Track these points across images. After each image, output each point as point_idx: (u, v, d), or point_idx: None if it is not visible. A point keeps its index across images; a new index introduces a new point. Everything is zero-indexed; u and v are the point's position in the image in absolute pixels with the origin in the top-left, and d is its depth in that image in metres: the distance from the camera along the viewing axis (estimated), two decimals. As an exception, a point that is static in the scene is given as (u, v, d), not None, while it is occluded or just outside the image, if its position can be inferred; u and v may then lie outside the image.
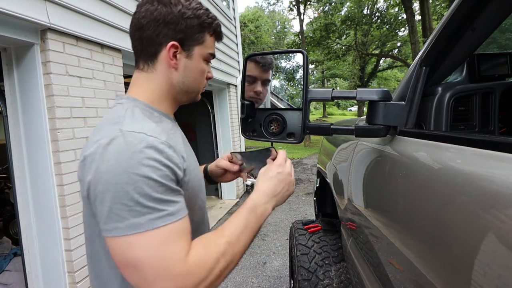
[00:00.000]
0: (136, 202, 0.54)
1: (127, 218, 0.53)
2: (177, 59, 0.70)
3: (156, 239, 0.54)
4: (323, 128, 0.86)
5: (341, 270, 1.44)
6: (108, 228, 0.55)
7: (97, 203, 0.56)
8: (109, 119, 0.64)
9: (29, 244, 2.03)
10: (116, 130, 0.59)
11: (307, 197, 5.69)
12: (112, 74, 2.43)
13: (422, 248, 0.60)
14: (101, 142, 0.58)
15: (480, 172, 0.48)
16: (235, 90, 5.76)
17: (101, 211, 0.55)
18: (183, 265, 0.55)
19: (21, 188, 2.01)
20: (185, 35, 0.70)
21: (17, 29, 1.79)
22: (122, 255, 0.55)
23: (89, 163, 0.58)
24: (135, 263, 0.54)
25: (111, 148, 0.56)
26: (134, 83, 0.73)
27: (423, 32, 12.01)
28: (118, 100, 0.71)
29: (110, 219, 0.54)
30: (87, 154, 0.59)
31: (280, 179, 0.75)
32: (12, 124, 1.98)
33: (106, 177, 0.55)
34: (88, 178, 0.57)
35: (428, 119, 0.91)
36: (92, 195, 0.57)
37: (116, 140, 0.57)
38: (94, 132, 0.64)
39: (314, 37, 19.26)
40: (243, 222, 0.65)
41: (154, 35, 0.68)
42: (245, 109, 0.92)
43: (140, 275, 0.54)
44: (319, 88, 0.92)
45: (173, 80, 0.72)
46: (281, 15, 35.90)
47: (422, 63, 0.84)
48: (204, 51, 0.74)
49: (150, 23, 0.68)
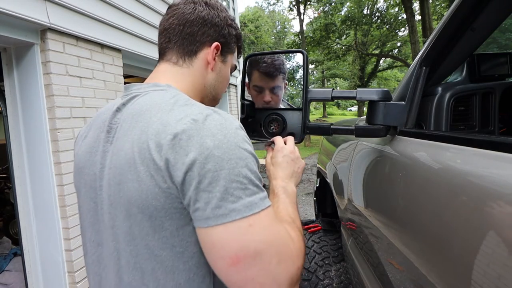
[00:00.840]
0: (249, 179, 0.49)
1: (242, 198, 0.48)
2: (215, 61, 0.70)
3: (268, 219, 0.49)
4: (323, 128, 0.86)
5: (341, 270, 1.44)
6: (223, 212, 0.46)
7: (204, 185, 0.47)
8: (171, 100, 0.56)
9: (29, 244, 2.03)
10: (203, 107, 0.54)
11: (307, 197, 5.69)
12: (112, 74, 2.43)
13: (422, 248, 0.60)
14: (194, 118, 0.51)
15: (480, 172, 0.48)
16: (235, 90, 5.76)
17: (209, 193, 0.47)
18: (294, 244, 0.52)
19: (21, 188, 2.01)
20: (226, 40, 0.71)
21: (17, 29, 1.79)
22: (240, 242, 0.46)
23: (190, 139, 0.48)
24: (256, 249, 0.47)
25: (211, 124, 0.50)
26: (165, 74, 0.67)
27: (423, 32, 12.01)
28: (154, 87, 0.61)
29: (225, 200, 0.47)
30: (178, 131, 0.49)
31: (287, 161, 0.76)
32: (12, 124, 1.98)
33: (218, 153, 0.48)
34: (191, 156, 0.47)
35: (428, 119, 0.91)
36: (195, 175, 0.47)
37: (212, 116, 0.52)
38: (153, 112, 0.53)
39: (314, 37, 19.27)
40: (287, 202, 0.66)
41: (200, 33, 0.67)
42: (245, 109, 0.92)
43: (262, 262, 0.47)
44: (319, 88, 0.92)
45: (207, 81, 0.70)
46: (281, 15, 35.92)
47: (422, 63, 0.84)
48: (233, 61, 0.76)
49: (197, 20, 0.67)
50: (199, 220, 0.48)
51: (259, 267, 0.47)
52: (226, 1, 5.76)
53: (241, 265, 0.47)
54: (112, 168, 0.55)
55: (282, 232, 0.51)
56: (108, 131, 0.59)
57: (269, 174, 0.76)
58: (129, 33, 2.63)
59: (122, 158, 0.53)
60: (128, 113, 0.58)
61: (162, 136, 0.49)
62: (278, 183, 0.71)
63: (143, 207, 0.51)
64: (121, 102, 0.61)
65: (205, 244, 0.49)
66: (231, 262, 0.47)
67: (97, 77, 2.27)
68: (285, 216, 0.60)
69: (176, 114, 0.52)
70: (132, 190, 0.51)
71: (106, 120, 0.61)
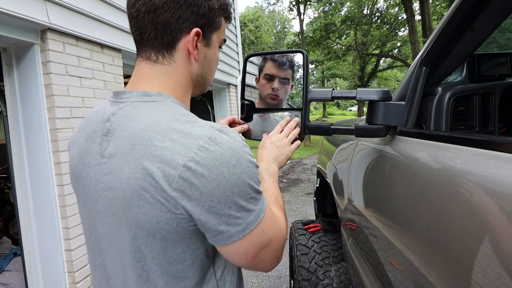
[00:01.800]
0: (256, 190, 0.54)
1: (254, 210, 0.53)
2: (198, 48, 0.61)
3: (270, 216, 0.57)
4: (323, 128, 0.86)
5: (341, 270, 1.44)
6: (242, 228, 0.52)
7: (224, 211, 0.50)
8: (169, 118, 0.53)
9: (29, 244, 2.03)
10: (208, 128, 0.52)
11: (307, 197, 5.69)
12: (112, 74, 2.43)
13: (422, 248, 0.60)
14: (202, 144, 0.49)
15: (480, 172, 0.48)
16: (235, 90, 5.76)
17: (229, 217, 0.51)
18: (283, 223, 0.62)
19: (21, 188, 2.01)
20: (207, 20, 0.60)
21: (17, 29, 1.79)
22: (257, 243, 0.55)
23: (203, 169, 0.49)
24: (268, 242, 0.56)
25: (223, 148, 0.50)
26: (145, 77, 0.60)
27: (423, 32, 12.01)
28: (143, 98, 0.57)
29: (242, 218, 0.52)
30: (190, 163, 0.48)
31: (272, 148, 0.82)
32: (12, 124, 1.98)
33: (234, 180, 0.50)
34: (209, 187, 0.49)
35: (428, 119, 0.91)
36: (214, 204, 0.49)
37: (220, 138, 0.51)
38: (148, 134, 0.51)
39: (314, 37, 19.26)
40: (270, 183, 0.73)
41: (174, 20, 0.57)
42: (245, 109, 0.93)
43: (272, 249, 0.58)
44: (319, 88, 0.92)
45: (192, 72, 0.63)
46: (281, 15, 35.92)
47: (422, 63, 0.84)
48: (220, 37, 0.66)
49: (168, 3, 0.56)
50: (222, 239, 0.52)
51: (269, 252, 0.57)
52: (226, 1, 5.76)
53: (257, 258, 0.56)
54: (111, 188, 0.53)
55: (278, 221, 0.60)
56: (100, 143, 0.57)
57: (257, 155, 0.82)
58: (129, 33, 2.62)
59: (124, 182, 0.51)
60: (122, 128, 0.55)
61: (172, 166, 0.48)
62: (263, 165, 0.77)
63: (153, 231, 0.51)
64: (110, 112, 0.58)
65: (229, 255, 0.56)
66: (251, 259, 0.56)
67: (97, 77, 2.27)
68: (270, 197, 0.68)
69: (180, 139, 0.50)
70: (140, 216, 0.51)
71: (97, 130, 0.58)
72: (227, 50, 5.38)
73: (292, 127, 0.86)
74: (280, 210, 0.66)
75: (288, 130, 0.85)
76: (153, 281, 0.55)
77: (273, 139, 0.83)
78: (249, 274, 3.08)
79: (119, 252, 0.57)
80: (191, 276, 0.56)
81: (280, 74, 1.13)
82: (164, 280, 0.55)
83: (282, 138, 0.84)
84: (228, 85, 5.53)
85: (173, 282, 0.55)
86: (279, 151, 0.82)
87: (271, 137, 0.84)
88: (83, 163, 0.60)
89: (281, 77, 1.13)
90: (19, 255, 3.08)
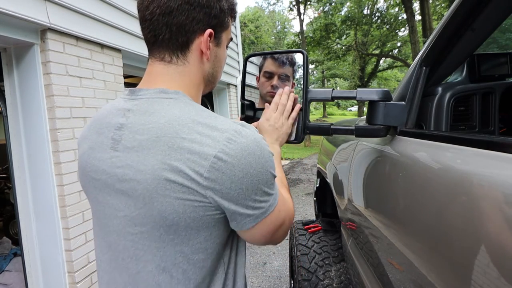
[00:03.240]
0: (274, 177, 0.59)
1: (272, 193, 0.58)
2: (210, 48, 0.63)
3: (281, 197, 0.63)
4: (323, 128, 0.86)
5: (341, 270, 1.44)
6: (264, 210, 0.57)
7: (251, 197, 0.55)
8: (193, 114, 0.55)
9: (29, 244, 2.03)
10: (230, 122, 0.56)
11: (307, 197, 5.69)
12: (112, 74, 2.43)
13: (422, 248, 0.60)
14: (229, 137, 0.53)
15: (480, 172, 0.48)
16: (235, 90, 5.76)
17: (254, 201, 0.55)
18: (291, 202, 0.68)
19: (21, 188, 2.01)
20: (218, 20, 0.62)
21: (17, 29, 1.79)
22: (275, 223, 0.60)
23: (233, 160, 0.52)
24: (282, 221, 0.62)
25: (248, 140, 0.54)
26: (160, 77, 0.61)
27: (423, 32, 12.01)
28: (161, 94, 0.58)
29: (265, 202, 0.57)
30: (220, 154, 0.51)
31: (272, 129, 0.85)
32: (12, 124, 1.98)
33: (259, 168, 0.54)
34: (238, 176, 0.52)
35: (428, 119, 0.91)
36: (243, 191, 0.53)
37: (244, 131, 0.55)
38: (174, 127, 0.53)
39: (314, 37, 19.26)
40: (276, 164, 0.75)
41: (188, 21, 0.58)
42: (245, 109, 0.93)
43: (286, 228, 0.64)
44: (319, 88, 0.92)
45: (204, 72, 0.65)
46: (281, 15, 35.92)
47: (422, 63, 0.84)
48: (228, 36, 0.68)
49: (183, 6, 0.57)
50: (248, 223, 0.57)
51: (283, 229, 0.64)
52: (226, 1, 5.76)
53: (274, 235, 0.62)
54: (128, 181, 0.55)
55: (283, 198, 0.64)
56: (113, 138, 0.58)
57: None
58: (129, 33, 2.63)
59: (147, 173, 0.53)
60: (140, 123, 0.56)
61: (203, 157, 0.51)
62: None
63: (179, 219, 0.53)
64: (125, 107, 0.59)
65: (253, 236, 0.60)
66: (270, 237, 0.61)
67: (97, 77, 2.27)
68: None
69: (208, 132, 0.53)
70: (165, 205, 0.53)
71: (110, 125, 0.59)
72: (227, 50, 5.38)
73: (284, 103, 0.86)
74: (286, 190, 0.71)
75: (282, 107, 0.86)
76: (170, 271, 0.56)
77: (271, 121, 0.85)
78: (249, 275, 3.08)
79: (131, 244, 0.57)
80: (209, 265, 0.59)
81: (279, 71, 1.13)
82: (183, 268, 0.57)
83: (279, 117, 0.85)
84: (228, 85, 5.53)
85: (192, 270, 0.57)
86: (279, 131, 0.85)
87: (269, 119, 0.86)
88: (94, 158, 0.61)
89: (280, 74, 1.14)
90: (19, 255, 3.08)
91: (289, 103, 0.86)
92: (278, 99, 0.87)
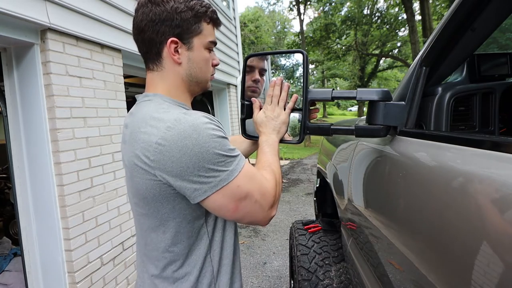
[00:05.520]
0: (225, 156, 0.66)
1: (225, 170, 0.66)
2: (179, 53, 0.74)
3: (247, 174, 0.70)
4: (323, 128, 0.86)
5: (341, 270, 1.44)
6: (214, 184, 0.66)
7: (194, 173, 0.64)
8: (153, 111, 0.69)
9: (29, 244, 2.03)
10: (176, 113, 0.66)
11: (307, 197, 5.69)
12: (112, 74, 2.43)
13: (422, 248, 0.60)
14: (169, 125, 0.64)
15: (480, 172, 0.48)
16: (235, 90, 5.75)
17: (200, 177, 0.64)
18: (268, 183, 0.74)
19: (21, 188, 2.01)
20: (182, 29, 0.73)
21: (17, 29, 1.79)
22: (234, 196, 0.68)
23: (171, 144, 0.63)
24: (246, 195, 0.69)
25: (185, 126, 0.64)
26: (150, 83, 0.78)
27: (423, 32, 12.01)
28: (144, 98, 0.75)
29: (213, 177, 0.65)
30: (160, 140, 0.64)
31: (268, 120, 0.87)
32: (12, 124, 1.98)
33: (197, 149, 0.63)
34: (177, 157, 0.63)
35: (428, 119, 0.91)
36: (184, 170, 0.64)
37: (184, 119, 0.65)
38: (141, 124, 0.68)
39: (314, 37, 19.27)
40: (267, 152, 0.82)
41: (154, 35, 0.72)
42: (245, 109, 0.92)
43: (253, 201, 0.70)
44: (319, 88, 0.92)
45: (181, 74, 0.76)
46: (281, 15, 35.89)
47: (422, 63, 0.84)
48: (204, 40, 0.76)
49: (148, 24, 0.72)
50: (200, 195, 0.66)
51: (250, 203, 0.70)
52: (226, 1, 5.76)
53: (239, 209, 0.69)
54: (126, 165, 0.74)
55: (258, 177, 0.72)
56: (124, 132, 0.77)
57: (256, 130, 0.89)
58: (129, 33, 2.62)
59: (128, 159, 0.71)
60: (131, 120, 0.73)
61: (149, 145, 0.65)
62: (262, 138, 0.85)
63: (145, 194, 0.70)
64: (131, 111, 0.78)
65: (212, 208, 0.69)
66: (232, 210, 0.69)
67: (97, 77, 2.27)
68: (264, 164, 0.79)
69: (155, 124, 0.66)
70: (136, 183, 0.71)
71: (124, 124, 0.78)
72: (227, 50, 5.38)
73: (277, 93, 0.87)
74: (271, 173, 0.77)
75: (276, 98, 0.88)
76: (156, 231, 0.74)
77: (267, 113, 0.87)
78: (249, 275, 3.08)
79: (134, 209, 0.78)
80: (185, 231, 0.73)
81: (259, 65, 1.14)
82: (162, 230, 0.73)
83: (274, 108, 0.87)
84: (228, 85, 5.53)
85: (170, 233, 0.73)
86: (275, 121, 0.86)
87: (265, 111, 0.88)
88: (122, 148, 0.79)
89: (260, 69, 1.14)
90: (19, 255, 3.08)
91: (283, 94, 0.87)
92: (272, 91, 0.88)
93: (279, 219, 4.59)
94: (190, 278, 0.74)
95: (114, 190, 2.34)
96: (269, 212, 0.74)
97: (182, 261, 0.75)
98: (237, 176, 0.67)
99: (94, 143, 2.18)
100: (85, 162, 2.10)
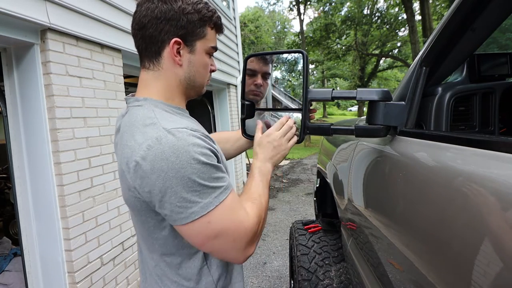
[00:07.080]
0: (203, 185, 0.61)
1: (199, 202, 0.61)
2: (181, 55, 0.72)
3: (226, 210, 0.64)
4: (323, 128, 0.86)
5: (341, 270, 1.44)
6: (184, 216, 0.61)
7: (166, 199, 0.61)
8: (140, 121, 0.66)
9: (29, 244, 2.03)
10: (159, 130, 0.63)
11: (307, 197, 5.69)
12: (112, 74, 2.43)
13: (422, 248, 0.60)
14: (149, 144, 0.61)
15: (480, 172, 0.48)
16: (235, 90, 5.75)
17: (171, 204, 0.61)
18: (249, 221, 0.68)
19: (21, 188, 2.01)
20: (187, 30, 0.71)
21: (17, 29, 1.78)
22: (204, 232, 0.63)
23: (147, 164, 0.60)
24: (217, 234, 0.64)
25: (164, 147, 0.60)
26: (143, 82, 0.74)
27: (423, 32, 12.01)
28: (134, 103, 0.72)
29: (184, 208, 0.61)
30: (138, 158, 0.61)
31: (270, 147, 0.84)
32: (12, 124, 1.98)
33: (172, 174, 0.59)
34: (152, 179, 0.60)
35: (428, 119, 0.91)
36: (157, 193, 0.61)
37: (165, 138, 0.61)
38: (127, 136, 0.66)
39: (314, 37, 19.28)
40: (258, 181, 0.79)
41: (157, 33, 0.69)
42: (245, 109, 0.92)
43: (225, 241, 0.65)
44: (319, 88, 0.92)
45: (180, 76, 0.74)
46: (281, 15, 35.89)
47: (422, 63, 0.83)
48: (206, 44, 0.75)
49: (151, 21, 0.69)
50: (170, 221, 0.65)
51: (221, 243, 0.65)
52: (226, 1, 5.76)
53: (207, 245, 0.66)
54: (119, 170, 0.70)
55: (238, 214, 0.67)
56: (116, 136, 0.75)
57: (253, 152, 0.86)
58: (129, 33, 2.62)
59: (119, 164, 0.68)
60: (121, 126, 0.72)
61: (130, 161, 0.63)
62: (256, 164, 0.82)
63: (130, 206, 0.70)
64: (122, 113, 0.76)
65: (182, 235, 0.67)
66: (200, 244, 0.66)
67: (97, 77, 2.27)
68: (253, 194, 0.75)
69: (138, 137, 0.64)
70: (123, 193, 0.70)
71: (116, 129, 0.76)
72: (227, 50, 5.38)
73: (291, 125, 0.86)
74: (257, 208, 0.72)
75: (287, 128, 0.86)
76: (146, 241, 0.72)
77: (271, 138, 0.84)
78: (249, 275, 3.08)
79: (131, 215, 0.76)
80: (170, 244, 0.70)
81: (262, 69, 1.12)
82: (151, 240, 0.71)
83: (280, 137, 0.85)
84: (228, 85, 5.53)
85: (158, 243, 0.71)
86: (276, 150, 0.84)
87: (269, 135, 0.85)
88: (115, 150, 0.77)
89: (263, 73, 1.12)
90: (19, 255, 3.08)
91: (293, 128, 0.86)
92: (285, 121, 0.87)
93: (279, 219, 4.59)
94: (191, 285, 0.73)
95: (114, 190, 2.34)
96: (244, 252, 0.68)
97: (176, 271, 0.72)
98: (212, 211, 0.62)
99: (94, 143, 2.18)
100: (85, 162, 2.10)
